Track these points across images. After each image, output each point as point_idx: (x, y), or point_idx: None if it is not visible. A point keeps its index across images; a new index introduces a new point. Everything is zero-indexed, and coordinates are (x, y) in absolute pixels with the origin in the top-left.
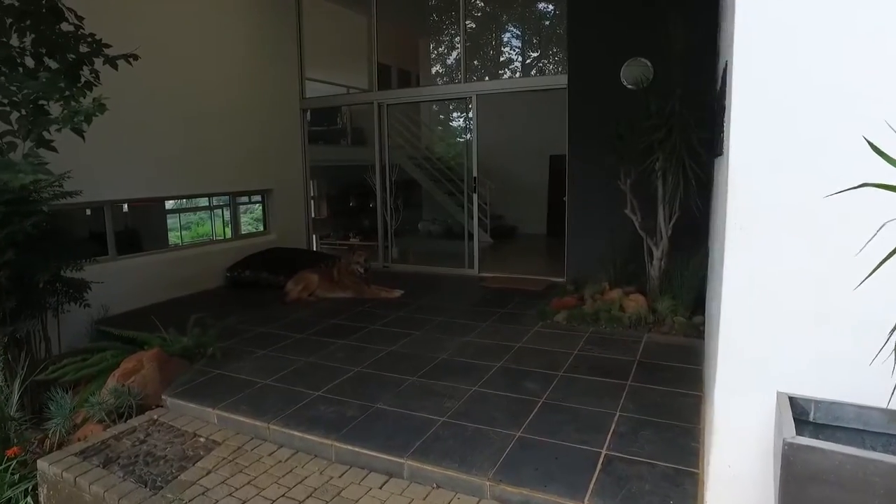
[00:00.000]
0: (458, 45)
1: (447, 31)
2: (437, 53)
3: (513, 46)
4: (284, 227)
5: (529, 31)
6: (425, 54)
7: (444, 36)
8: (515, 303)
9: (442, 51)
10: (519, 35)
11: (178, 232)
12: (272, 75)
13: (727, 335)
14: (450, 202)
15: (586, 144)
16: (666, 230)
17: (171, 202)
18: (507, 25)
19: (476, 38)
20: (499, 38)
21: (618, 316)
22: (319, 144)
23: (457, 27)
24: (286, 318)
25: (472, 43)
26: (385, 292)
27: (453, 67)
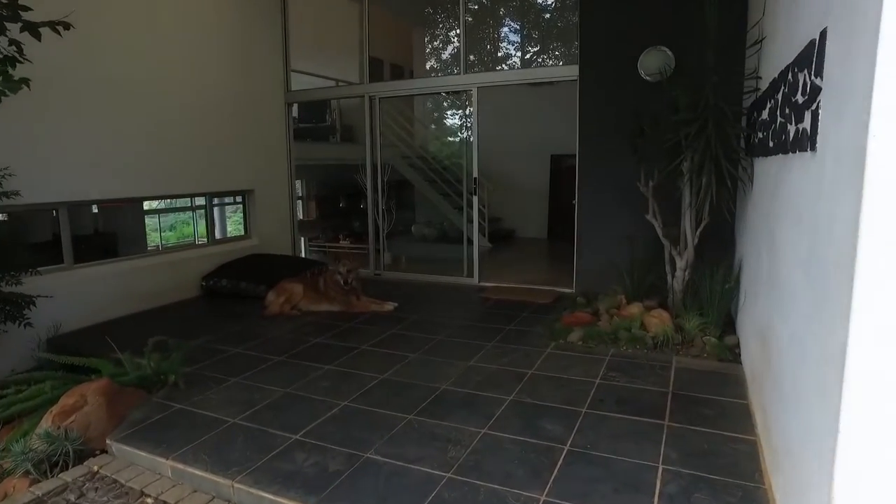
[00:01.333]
0: (455, 39)
1: (444, 25)
2: (432, 48)
3: (514, 39)
4: (267, 230)
5: (531, 22)
6: (420, 47)
7: (441, 29)
8: (522, 318)
9: (438, 45)
10: (521, 27)
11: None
12: (254, 65)
13: (857, 397)
14: (446, 204)
15: (599, 142)
16: (692, 238)
17: (154, 202)
18: (507, 18)
19: (475, 31)
20: (499, 30)
21: (640, 336)
22: (308, 142)
23: (455, 18)
24: (264, 335)
25: (472, 37)
26: (376, 305)
27: (450, 62)
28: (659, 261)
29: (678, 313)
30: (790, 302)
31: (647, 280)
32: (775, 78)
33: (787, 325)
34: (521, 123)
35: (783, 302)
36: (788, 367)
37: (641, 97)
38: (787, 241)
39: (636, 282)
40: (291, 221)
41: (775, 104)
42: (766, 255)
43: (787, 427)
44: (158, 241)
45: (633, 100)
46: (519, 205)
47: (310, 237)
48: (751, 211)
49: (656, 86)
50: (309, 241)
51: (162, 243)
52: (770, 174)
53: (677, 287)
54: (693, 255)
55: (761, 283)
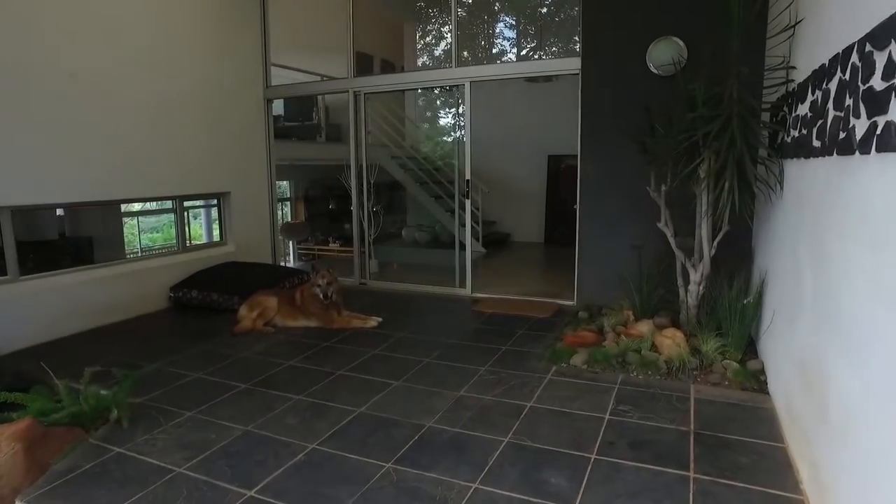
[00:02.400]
0: (447, 34)
1: (437, 20)
2: (424, 44)
3: (509, 35)
4: (245, 236)
5: (528, 16)
6: (412, 43)
7: (434, 24)
8: (518, 336)
9: (430, 41)
10: (517, 21)
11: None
12: (229, 58)
13: None
14: (438, 207)
15: (603, 141)
16: (709, 248)
17: (134, 204)
18: (502, 14)
19: (468, 26)
20: (494, 25)
21: (651, 360)
22: (293, 141)
23: (447, 13)
24: (232, 356)
25: (465, 33)
26: (358, 321)
27: (442, 59)
28: (669, 273)
29: (692, 332)
30: (864, 345)
31: (657, 294)
32: (824, 65)
33: (859, 374)
34: (517, 122)
35: (848, 340)
36: (865, 430)
37: (650, 92)
38: (855, 265)
39: (645, 296)
40: (272, 226)
41: (824, 96)
42: (810, 275)
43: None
44: (138, 246)
45: (642, 95)
46: (514, 207)
47: (299, 241)
48: (779, 220)
49: (667, 80)
50: (298, 244)
51: (142, 248)
52: (816, 179)
53: (691, 302)
54: (709, 268)
55: (803, 307)
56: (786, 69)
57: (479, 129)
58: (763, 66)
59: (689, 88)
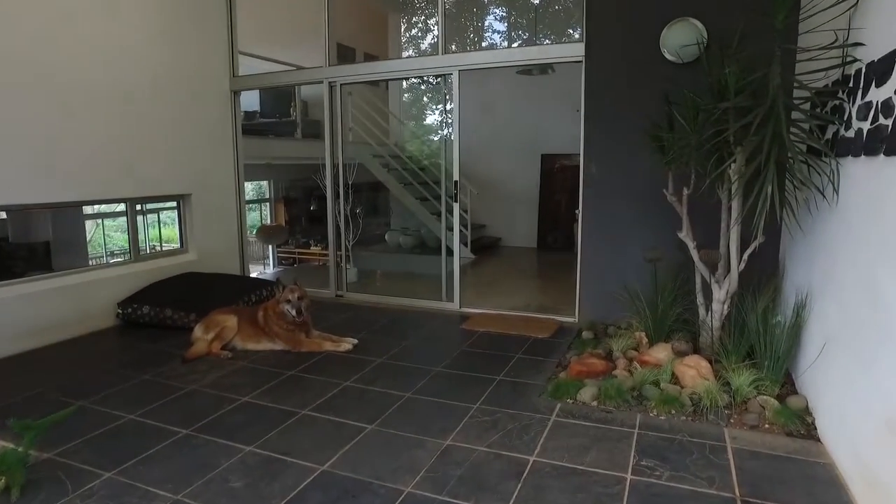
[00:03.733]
0: (434, 27)
1: (422, 11)
2: (409, 36)
3: (500, 28)
4: (208, 243)
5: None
6: (396, 34)
7: (419, 16)
8: (515, 362)
9: (416, 34)
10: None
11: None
12: (190, 45)
13: None
14: (423, 210)
15: (609, 138)
16: (738, 262)
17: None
18: (492, 7)
19: (457, 18)
20: (484, 18)
21: (673, 396)
22: (269, 138)
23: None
24: (179, 389)
25: (452, 24)
26: (331, 343)
27: (429, 52)
28: (687, 288)
29: (716, 357)
30: None
31: (673, 313)
32: None
33: None
34: (508, 118)
35: None
36: None
37: (664, 81)
38: None
39: (659, 315)
40: (240, 232)
41: None
42: None
43: None
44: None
45: (655, 85)
46: (505, 210)
47: (278, 243)
48: (832, 231)
49: (684, 67)
50: (278, 248)
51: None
52: None
53: (714, 324)
54: (736, 284)
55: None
56: (843, 47)
57: (467, 126)
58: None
59: (724, 74)
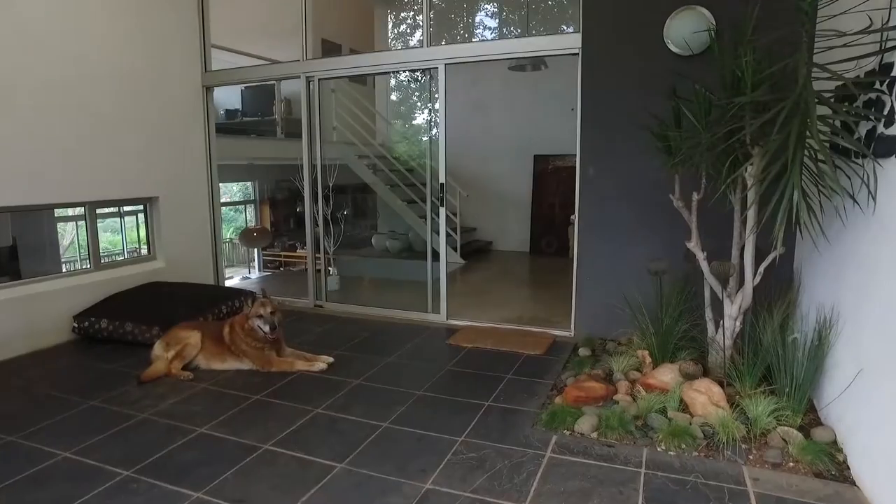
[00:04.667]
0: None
1: (410, 4)
2: (397, 32)
3: (490, 24)
4: (178, 250)
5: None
6: (383, 30)
7: (407, 10)
8: (506, 384)
9: (405, 30)
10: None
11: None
12: (157, 36)
13: None
14: (410, 213)
15: (609, 137)
16: (753, 276)
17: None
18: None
19: (445, 14)
20: (473, 11)
21: (683, 426)
22: (251, 138)
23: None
24: (130, 417)
25: (440, 20)
26: (304, 362)
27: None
28: (694, 303)
29: (728, 380)
30: None
31: (679, 329)
32: None
33: None
34: (499, 117)
35: None
36: None
37: (669, 75)
38: None
39: (663, 331)
40: (213, 237)
41: None
42: None
43: None
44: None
45: (659, 79)
46: (496, 213)
47: (264, 247)
48: (868, 242)
49: (691, 59)
50: (263, 251)
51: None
52: None
53: (725, 342)
54: (750, 299)
55: None
56: (882, 31)
57: (457, 126)
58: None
59: (739, 65)
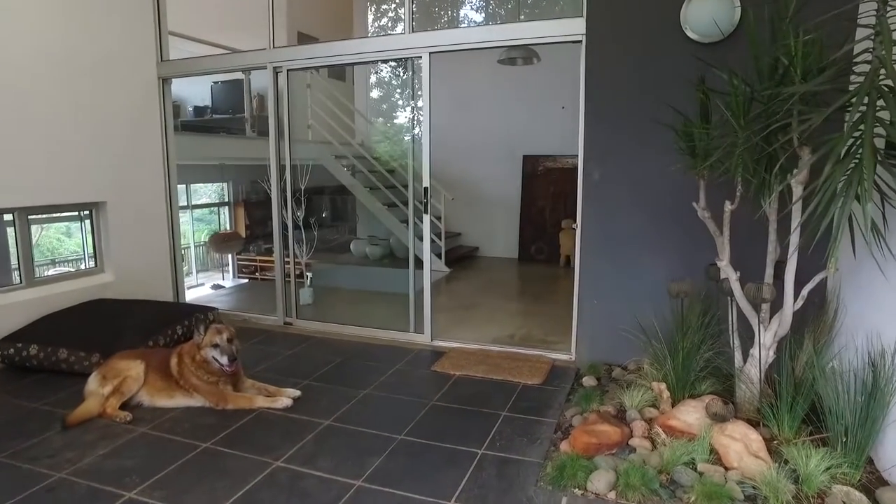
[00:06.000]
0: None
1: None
2: (378, 26)
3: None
4: (130, 261)
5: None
6: (363, 21)
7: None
8: (501, 423)
9: (387, 24)
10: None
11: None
12: (104, 20)
13: None
14: (392, 218)
15: (616, 136)
16: (794, 299)
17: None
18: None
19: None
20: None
21: (718, 484)
22: (222, 136)
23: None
24: (38, 480)
25: (424, 13)
26: (266, 397)
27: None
28: (716, 326)
29: (763, 421)
30: None
31: (699, 356)
32: None
33: None
34: (487, 114)
35: None
36: None
37: (688, 65)
38: None
39: (682, 358)
40: (171, 245)
41: None
42: None
43: None
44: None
45: (676, 69)
46: (484, 216)
47: (233, 252)
48: None
49: (714, 47)
50: (238, 256)
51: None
52: None
53: (753, 373)
54: (788, 326)
55: None
56: None
57: (440, 123)
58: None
59: (785, 49)
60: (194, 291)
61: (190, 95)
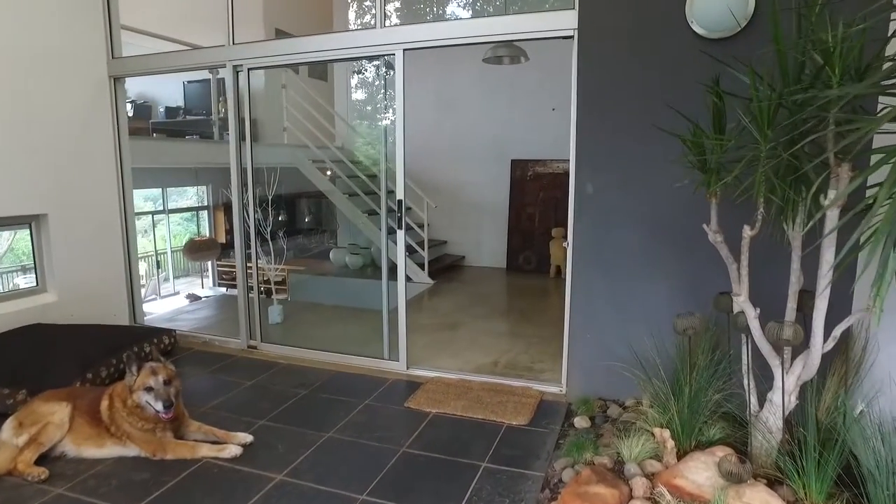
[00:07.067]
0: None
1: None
2: (360, 24)
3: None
4: (77, 277)
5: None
6: (342, 17)
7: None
8: (480, 478)
9: (368, 21)
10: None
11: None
12: (42, 10)
13: None
14: (372, 226)
15: (612, 144)
16: (823, 339)
17: None
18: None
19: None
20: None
21: None
22: (195, 140)
23: None
24: None
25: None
26: (210, 446)
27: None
28: (726, 365)
29: (785, 479)
30: None
31: (707, 399)
32: None
33: None
34: (471, 117)
35: None
36: None
37: (693, 64)
38: None
39: (687, 401)
40: (126, 261)
41: None
42: None
43: None
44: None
45: (681, 69)
46: (470, 224)
47: (213, 259)
48: None
49: (724, 44)
50: (217, 263)
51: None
52: None
53: (771, 421)
54: (815, 370)
55: None
56: None
57: (422, 126)
58: None
59: (832, 40)
60: (167, 301)
61: (162, 96)
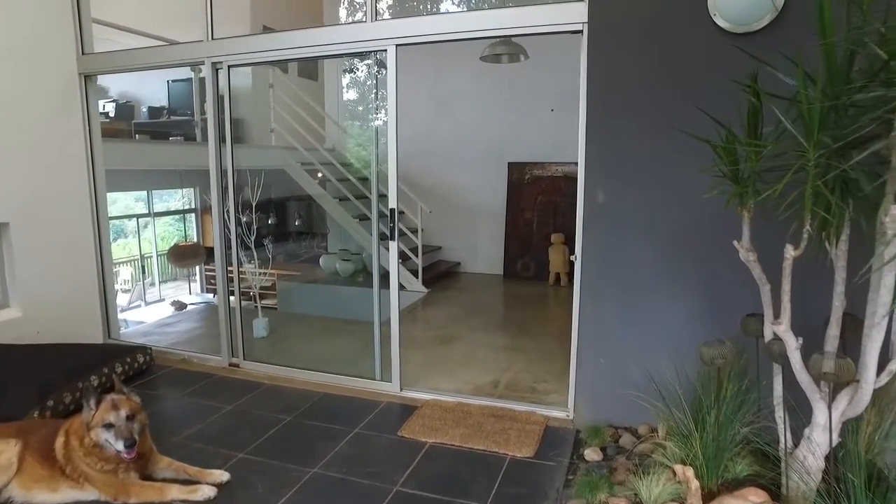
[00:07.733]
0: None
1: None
2: (352, 20)
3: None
4: (43, 291)
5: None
6: (333, 13)
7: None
8: None
9: (360, 18)
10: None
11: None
12: (5, 6)
13: None
14: (364, 232)
15: (625, 149)
16: (875, 374)
17: None
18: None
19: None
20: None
21: None
22: (178, 142)
23: None
24: None
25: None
26: (180, 487)
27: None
28: (755, 395)
29: None
30: None
31: (734, 432)
32: None
33: None
34: (468, 118)
35: None
36: None
37: (717, 62)
38: None
39: (712, 434)
40: (100, 272)
41: None
42: None
43: None
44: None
45: (704, 66)
46: (465, 229)
47: (199, 265)
48: None
49: (746, 40)
50: (206, 268)
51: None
52: None
53: (810, 460)
54: (864, 406)
55: None
56: None
57: (416, 127)
58: None
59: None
60: (152, 309)
61: (146, 96)
